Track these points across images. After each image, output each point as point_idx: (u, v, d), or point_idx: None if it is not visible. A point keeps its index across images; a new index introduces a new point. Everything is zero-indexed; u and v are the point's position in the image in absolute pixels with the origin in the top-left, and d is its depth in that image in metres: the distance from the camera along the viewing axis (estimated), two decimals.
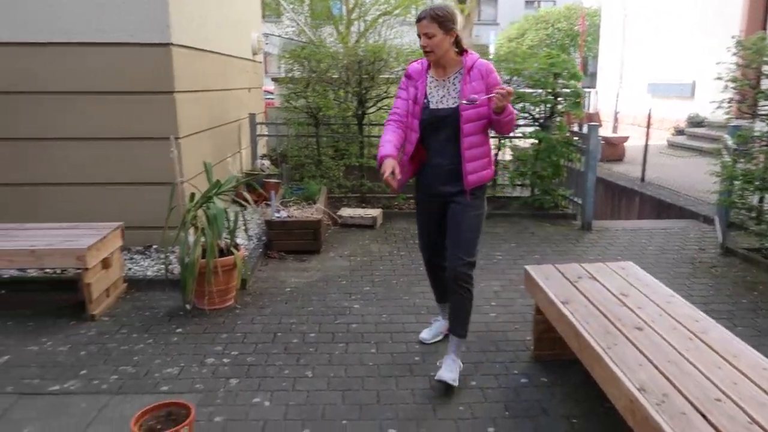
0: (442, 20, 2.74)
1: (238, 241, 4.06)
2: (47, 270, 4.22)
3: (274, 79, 10.16)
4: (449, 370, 2.86)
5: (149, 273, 4.28)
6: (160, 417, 2.36)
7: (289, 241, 4.91)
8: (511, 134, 6.55)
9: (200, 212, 3.81)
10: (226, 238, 3.88)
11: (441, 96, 2.87)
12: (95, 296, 3.63)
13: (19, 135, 4.50)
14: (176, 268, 4.16)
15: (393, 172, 2.70)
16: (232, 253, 3.81)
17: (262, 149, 7.41)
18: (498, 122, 2.79)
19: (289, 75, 6.92)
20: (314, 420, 2.62)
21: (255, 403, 2.75)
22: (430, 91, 2.89)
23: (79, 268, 3.57)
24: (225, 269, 3.73)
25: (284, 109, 6.91)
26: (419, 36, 2.80)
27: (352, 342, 3.38)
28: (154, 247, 4.72)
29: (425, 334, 3.38)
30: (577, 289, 2.94)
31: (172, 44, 4.40)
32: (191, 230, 3.79)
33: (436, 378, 2.85)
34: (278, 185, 6.03)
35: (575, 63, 7.01)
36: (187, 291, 3.64)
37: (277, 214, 5.00)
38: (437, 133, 2.88)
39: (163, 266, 4.33)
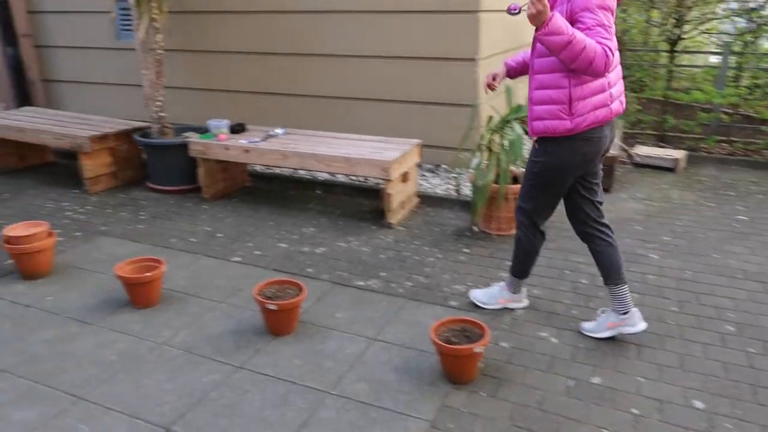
0: None
1: None
2: (352, 177, 4.70)
3: None
4: (482, 291, 2.96)
5: (438, 191, 4.45)
6: (455, 331, 2.44)
7: None
8: None
9: (496, 137, 3.77)
10: (519, 166, 3.78)
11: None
12: (393, 206, 3.92)
13: (338, 52, 4.95)
14: (465, 189, 4.25)
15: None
16: None
17: None
18: (544, 45, 2.14)
19: None
20: (605, 369, 2.46)
21: (542, 337, 2.69)
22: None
23: (382, 179, 3.86)
24: (516, 196, 3.66)
25: None
26: None
27: (649, 295, 3.06)
28: (444, 166, 4.89)
29: (587, 325, 2.73)
30: None
31: None
32: (485, 154, 3.78)
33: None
34: None
35: None
36: (476, 213, 3.70)
37: None
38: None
39: (451, 186, 4.48)
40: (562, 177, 2.48)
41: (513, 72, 2.75)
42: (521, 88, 5.34)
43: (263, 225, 4.01)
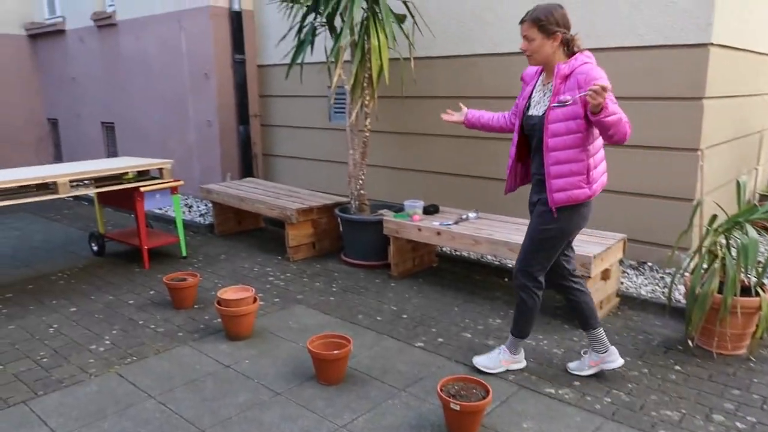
0: (542, 24, 2.60)
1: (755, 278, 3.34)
2: None
3: None
4: (485, 356, 3.10)
5: (643, 292, 3.98)
6: None
7: None
8: None
9: (721, 238, 3.28)
10: (750, 275, 3.23)
11: (537, 101, 2.78)
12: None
13: None
14: (677, 294, 3.75)
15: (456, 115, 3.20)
16: (758, 294, 3.15)
17: None
18: (600, 125, 2.49)
19: None
20: None
21: None
22: (534, 95, 2.81)
23: (581, 275, 3.55)
24: (745, 311, 3.11)
25: None
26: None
27: None
28: (649, 264, 4.39)
29: (572, 365, 3.11)
30: None
31: (711, 44, 3.91)
32: (706, 257, 3.30)
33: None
34: None
35: None
36: (692, 325, 3.19)
37: None
38: (532, 140, 2.81)
39: (659, 288, 3.98)
40: (568, 237, 2.83)
41: (469, 124, 3.23)
42: (731, 185, 4.68)
43: (448, 310, 3.91)
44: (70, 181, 4.30)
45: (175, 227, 5.09)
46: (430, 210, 4.56)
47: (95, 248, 5.21)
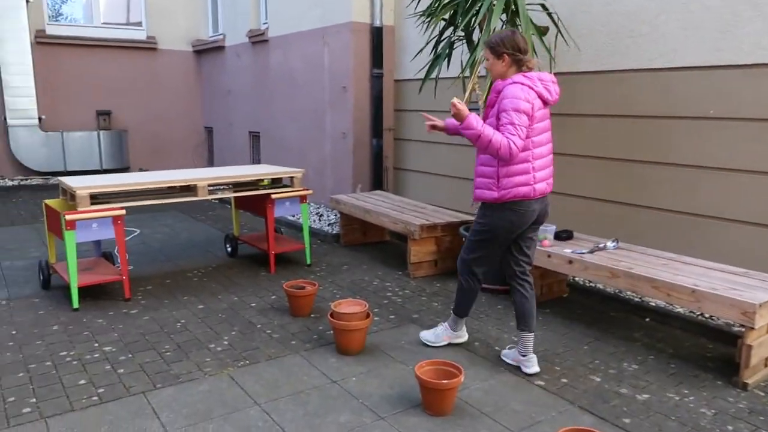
0: (492, 46, 3.01)
1: None
2: (694, 310, 3.87)
3: None
4: (431, 332, 3.57)
5: None
6: None
7: None
8: None
9: None
10: None
11: None
12: (753, 362, 3.02)
13: (695, 162, 4.25)
14: None
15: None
16: None
17: None
18: (464, 136, 2.98)
19: None
20: None
21: None
22: None
23: (741, 325, 3.03)
24: None
25: None
26: None
27: None
28: None
29: (505, 351, 3.40)
30: None
31: None
32: None
33: None
34: None
35: None
36: None
37: None
38: None
39: None
40: (495, 237, 3.11)
41: (449, 131, 3.38)
42: None
43: (576, 347, 3.54)
44: (209, 185, 4.55)
45: (302, 235, 5.20)
46: (563, 236, 4.20)
47: (229, 249, 5.49)
